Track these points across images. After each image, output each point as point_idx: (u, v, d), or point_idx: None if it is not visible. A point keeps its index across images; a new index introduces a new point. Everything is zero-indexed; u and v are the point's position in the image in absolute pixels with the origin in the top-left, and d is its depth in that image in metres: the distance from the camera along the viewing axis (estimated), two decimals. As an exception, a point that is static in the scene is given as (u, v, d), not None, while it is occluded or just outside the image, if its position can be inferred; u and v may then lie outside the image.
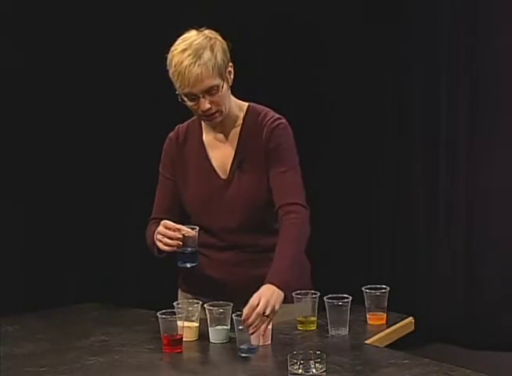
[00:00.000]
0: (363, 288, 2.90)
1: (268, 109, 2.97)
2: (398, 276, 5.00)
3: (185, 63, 2.75)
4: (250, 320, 2.54)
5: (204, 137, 2.97)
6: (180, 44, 2.80)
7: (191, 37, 2.80)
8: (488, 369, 2.67)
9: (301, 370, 2.29)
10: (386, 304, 2.91)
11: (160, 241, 2.78)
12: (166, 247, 2.77)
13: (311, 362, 2.29)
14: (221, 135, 2.95)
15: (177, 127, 3.07)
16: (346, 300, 2.76)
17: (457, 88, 4.99)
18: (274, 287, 2.61)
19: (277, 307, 2.59)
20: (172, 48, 2.82)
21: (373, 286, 2.91)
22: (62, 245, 4.68)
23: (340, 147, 5.14)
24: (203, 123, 2.96)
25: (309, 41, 4.97)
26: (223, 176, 2.93)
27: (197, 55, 2.75)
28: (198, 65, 2.75)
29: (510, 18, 4.86)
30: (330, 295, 2.78)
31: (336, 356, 2.53)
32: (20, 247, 4.63)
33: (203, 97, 2.79)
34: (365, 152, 5.13)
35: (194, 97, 2.80)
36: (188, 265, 2.79)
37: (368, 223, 5.21)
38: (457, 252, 5.04)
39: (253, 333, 2.54)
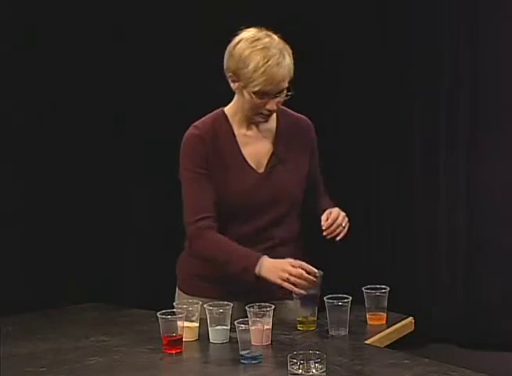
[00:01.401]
0: (363, 288, 2.90)
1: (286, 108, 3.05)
2: (398, 276, 4.99)
3: (273, 62, 2.76)
4: (331, 228, 2.87)
5: (235, 131, 2.95)
6: (255, 42, 2.79)
7: (266, 37, 2.81)
8: (488, 369, 2.67)
9: (300, 370, 2.29)
10: (386, 304, 2.91)
11: (292, 283, 2.71)
12: (296, 289, 2.72)
13: (311, 362, 2.29)
14: (253, 131, 2.96)
15: (197, 124, 2.97)
16: (346, 300, 2.76)
17: (457, 88, 4.99)
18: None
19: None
20: (244, 46, 2.80)
21: (373, 286, 2.91)
22: (62, 245, 4.68)
23: (339, 147, 5.14)
24: (231, 118, 2.94)
25: (310, 40, 4.97)
26: (259, 170, 2.94)
27: (282, 54, 2.79)
28: (283, 66, 2.79)
29: (510, 18, 4.87)
30: (330, 295, 2.78)
31: (336, 356, 2.53)
32: (20, 247, 4.63)
33: (275, 97, 2.82)
34: (365, 152, 5.13)
35: (266, 96, 2.81)
36: (310, 307, 2.78)
37: (368, 223, 5.20)
38: (457, 252, 5.05)
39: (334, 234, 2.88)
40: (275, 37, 2.83)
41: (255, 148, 2.96)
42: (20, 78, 4.54)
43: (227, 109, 2.98)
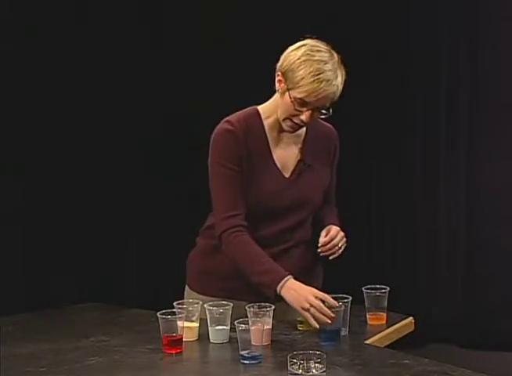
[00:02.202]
0: (363, 288, 2.91)
1: None
2: (398, 276, 5.00)
3: (326, 76, 2.77)
4: (327, 246, 2.88)
5: (268, 134, 2.94)
6: (317, 52, 2.81)
7: (327, 52, 2.83)
8: (488, 369, 2.67)
9: (300, 370, 2.29)
10: (386, 304, 2.91)
11: (312, 314, 2.67)
12: (313, 322, 2.68)
13: (311, 362, 2.29)
14: (283, 134, 2.94)
15: (229, 119, 2.91)
16: (346, 300, 2.76)
17: (457, 88, 5.00)
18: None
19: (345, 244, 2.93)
20: (303, 52, 2.81)
21: (373, 286, 2.91)
22: (62, 245, 4.68)
23: (339, 147, 5.13)
24: (265, 118, 2.92)
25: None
26: (286, 175, 2.94)
27: (336, 74, 2.80)
28: (333, 84, 2.79)
29: (510, 18, 4.87)
30: (331, 295, 2.78)
31: (336, 356, 2.53)
32: (20, 246, 4.62)
33: (313, 111, 2.82)
34: (365, 152, 5.13)
35: (306, 106, 2.81)
36: (329, 343, 2.68)
37: (368, 223, 5.21)
38: (457, 252, 5.05)
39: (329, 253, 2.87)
40: (335, 55, 2.85)
41: (284, 152, 2.96)
42: (20, 78, 4.54)
43: (261, 107, 2.95)
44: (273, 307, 2.68)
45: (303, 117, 2.83)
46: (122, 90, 4.77)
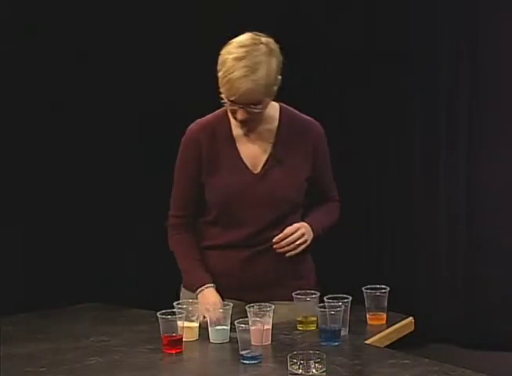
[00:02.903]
0: (363, 288, 2.90)
1: (296, 110, 3.03)
2: (398, 276, 4.99)
3: (238, 73, 2.73)
4: (280, 243, 2.87)
5: (234, 132, 2.96)
6: (237, 48, 2.77)
7: (250, 46, 2.77)
8: (488, 369, 2.67)
9: (301, 370, 2.29)
10: (386, 304, 2.91)
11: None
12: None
13: (311, 362, 2.29)
14: (252, 131, 2.94)
15: (197, 121, 3.01)
16: (346, 300, 2.76)
17: (457, 88, 4.99)
18: (310, 228, 2.91)
19: (308, 242, 2.88)
20: (227, 49, 2.80)
21: (373, 286, 2.91)
22: (62, 245, 4.68)
23: (339, 147, 5.13)
24: (232, 117, 2.93)
25: (311, 41, 4.97)
26: (255, 171, 2.93)
27: (253, 69, 2.74)
28: (251, 80, 2.74)
29: (510, 18, 4.86)
30: (330, 295, 2.78)
31: (336, 356, 2.52)
32: (20, 246, 4.62)
33: (243, 108, 2.80)
34: (365, 152, 5.13)
35: (234, 104, 2.80)
36: (329, 343, 2.68)
37: (368, 223, 5.20)
38: (457, 252, 5.05)
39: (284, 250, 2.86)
40: (261, 47, 2.78)
41: (252, 148, 2.95)
42: (20, 78, 4.54)
43: None
44: (273, 307, 2.69)
45: (238, 115, 2.83)
46: (122, 90, 4.76)
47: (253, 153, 2.95)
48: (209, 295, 2.88)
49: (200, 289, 2.90)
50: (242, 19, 4.82)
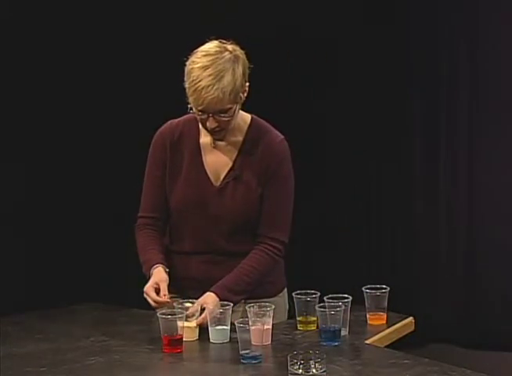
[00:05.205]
0: (363, 288, 2.91)
1: (270, 125, 2.96)
2: (398, 276, 4.99)
3: (204, 83, 2.71)
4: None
5: (201, 140, 2.94)
6: (202, 58, 2.75)
7: (215, 54, 2.75)
8: (488, 369, 2.67)
9: (301, 370, 2.29)
10: (386, 304, 2.91)
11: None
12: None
13: (311, 362, 2.29)
14: (219, 142, 2.92)
15: (169, 122, 3.02)
16: (346, 300, 2.76)
17: (457, 88, 4.99)
18: (217, 299, 2.77)
19: (214, 313, 2.70)
20: (192, 59, 2.78)
21: (373, 286, 2.91)
22: (62, 245, 4.68)
23: (339, 147, 5.14)
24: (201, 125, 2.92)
25: (311, 40, 4.97)
26: (215, 183, 2.91)
27: (218, 77, 2.71)
28: (216, 89, 2.71)
29: (510, 18, 4.86)
30: (330, 295, 2.78)
31: (336, 356, 2.53)
32: (20, 246, 4.62)
33: (213, 117, 2.77)
34: (365, 152, 5.13)
35: (203, 114, 2.78)
36: (329, 343, 2.68)
37: (368, 223, 5.20)
38: (457, 252, 5.04)
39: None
40: (226, 54, 2.76)
41: (216, 159, 2.92)
42: (20, 78, 4.54)
43: None
44: (273, 307, 2.69)
45: (208, 124, 2.80)
46: (122, 90, 4.76)
47: (216, 164, 2.92)
48: (156, 274, 2.90)
49: (150, 271, 2.93)
50: (242, 19, 4.85)
